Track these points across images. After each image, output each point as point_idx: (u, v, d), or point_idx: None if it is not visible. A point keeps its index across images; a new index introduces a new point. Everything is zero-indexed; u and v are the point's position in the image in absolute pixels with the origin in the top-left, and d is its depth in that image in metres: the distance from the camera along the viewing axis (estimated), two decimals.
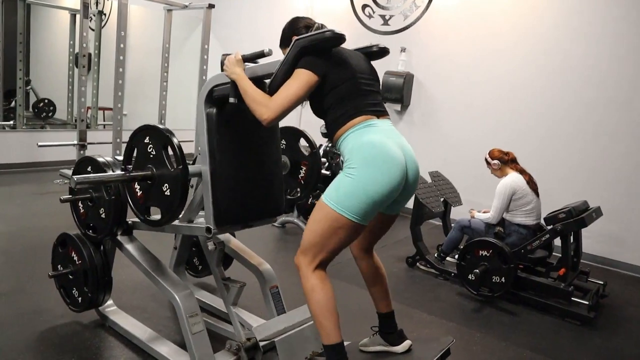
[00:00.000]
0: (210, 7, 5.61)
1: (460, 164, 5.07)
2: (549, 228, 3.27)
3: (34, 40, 7.10)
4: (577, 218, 3.16)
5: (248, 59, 1.91)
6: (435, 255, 3.77)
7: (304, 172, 2.41)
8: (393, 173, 1.67)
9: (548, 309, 3.18)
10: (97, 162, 2.17)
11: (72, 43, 6.90)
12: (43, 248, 2.97)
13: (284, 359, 1.91)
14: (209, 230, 1.98)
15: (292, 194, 2.44)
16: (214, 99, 1.99)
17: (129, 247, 2.28)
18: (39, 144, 5.26)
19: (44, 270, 2.52)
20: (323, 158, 4.57)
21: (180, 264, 2.75)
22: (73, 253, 2.35)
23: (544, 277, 3.30)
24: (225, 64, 1.88)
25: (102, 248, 2.36)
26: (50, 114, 7.02)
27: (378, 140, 1.71)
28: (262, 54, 1.89)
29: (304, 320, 2.07)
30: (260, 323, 2.13)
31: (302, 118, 5.97)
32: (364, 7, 5.86)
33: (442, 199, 3.90)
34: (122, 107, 4.98)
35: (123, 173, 1.97)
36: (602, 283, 3.53)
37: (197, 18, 6.62)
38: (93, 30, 7.01)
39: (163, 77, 5.92)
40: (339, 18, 6.04)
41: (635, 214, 4.25)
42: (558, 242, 3.32)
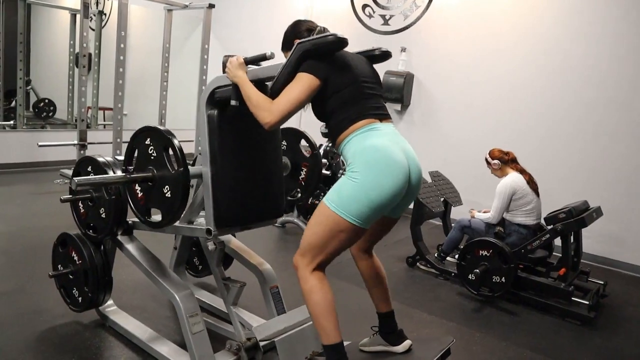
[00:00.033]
0: (211, 7, 5.61)
1: (461, 164, 5.07)
2: (549, 228, 3.27)
3: (35, 40, 7.10)
4: (577, 218, 3.16)
5: (250, 62, 1.90)
6: (436, 255, 3.77)
7: (305, 173, 2.41)
8: (396, 177, 1.67)
9: (548, 309, 3.18)
10: (97, 162, 2.17)
11: (72, 43, 6.91)
12: (43, 248, 2.97)
13: (284, 359, 1.91)
14: (209, 232, 1.98)
15: (292, 195, 2.44)
16: (216, 101, 1.98)
17: (129, 247, 2.28)
18: (39, 144, 5.27)
19: (44, 270, 2.52)
20: (323, 158, 4.56)
21: (181, 264, 2.75)
22: (73, 253, 2.35)
23: (544, 277, 3.30)
24: (228, 67, 1.87)
25: (102, 248, 2.36)
26: (51, 114, 7.02)
27: (381, 144, 1.70)
28: (264, 57, 1.88)
29: (304, 320, 2.07)
30: (261, 323, 2.13)
31: (302, 119, 5.97)
32: (364, 7, 5.87)
33: (442, 199, 3.90)
34: (122, 107, 4.98)
35: (124, 175, 1.97)
36: (602, 283, 3.53)
37: (197, 18, 6.63)
38: (93, 30, 7.02)
39: (163, 77, 5.93)
40: (339, 18, 6.04)
41: (636, 214, 4.25)
42: (558, 242, 3.33)
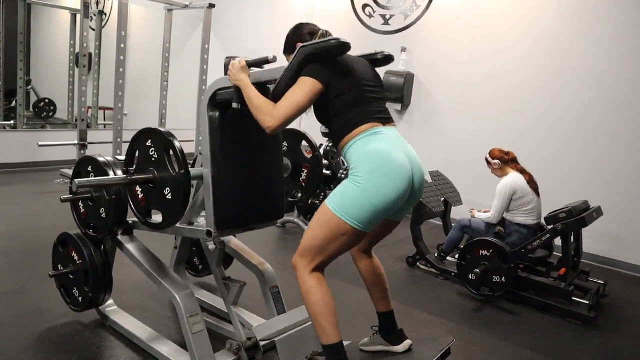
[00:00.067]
0: (211, 6, 5.62)
1: (461, 164, 5.07)
2: (550, 228, 3.27)
3: (35, 40, 7.10)
4: (577, 218, 3.16)
5: (252, 65, 1.89)
6: (436, 255, 3.77)
7: (306, 174, 2.41)
8: (399, 181, 1.66)
9: (548, 309, 3.18)
10: (97, 162, 2.17)
11: (72, 43, 6.91)
12: (43, 248, 2.97)
13: (285, 359, 1.91)
14: (210, 234, 1.98)
15: (293, 197, 2.44)
16: (217, 103, 1.97)
17: (130, 246, 2.28)
18: (40, 144, 5.27)
19: (45, 270, 2.53)
20: (324, 159, 4.56)
21: (181, 264, 2.76)
22: (74, 253, 2.35)
23: (545, 276, 3.30)
24: (230, 69, 1.86)
25: (102, 248, 2.36)
26: (51, 114, 7.02)
27: (385, 149, 1.70)
28: (266, 61, 1.86)
29: (305, 320, 2.07)
30: (261, 323, 2.13)
31: (303, 120, 5.97)
32: (365, 6, 5.86)
33: (442, 199, 3.90)
34: (122, 106, 4.98)
35: (125, 176, 1.97)
36: (602, 283, 3.53)
37: (197, 18, 6.63)
38: (94, 30, 7.02)
39: (164, 76, 5.93)
40: (340, 18, 6.04)
41: (636, 214, 4.25)
42: (558, 241, 3.33)
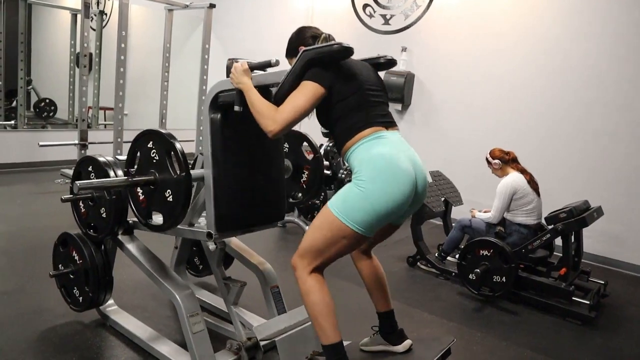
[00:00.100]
0: (211, 6, 5.61)
1: (461, 164, 5.07)
2: (550, 228, 3.26)
3: (35, 40, 7.11)
4: (578, 217, 3.16)
5: (255, 68, 1.88)
6: (436, 255, 3.77)
7: (306, 176, 2.40)
8: (402, 186, 1.66)
9: (549, 309, 3.18)
10: (98, 162, 2.17)
11: (73, 43, 6.92)
12: (43, 248, 2.97)
13: (285, 359, 1.91)
14: (210, 236, 1.98)
15: (294, 198, 2.44)
16: (219, 105, 1.97)
17: (130, 246, 2.28)
18: (40, 144, 5.27)
19: (45, 270, 2.53)
20: (324, 159, 4.55)
21: (181, 264, 2.76)
22: (74, 252, 2.35)
23: (545, 276, 3.30)
24: (232, 72, 1.85)
25: (103, 247, 2.36)
26: (51, 114, 7.03)
27: (388, 153, 1.69)
28: (269, 64, 1.86)
29: (305, 320, 2.07)
30: (261, 322, 2.14)
31: (304, 122, 5.97)
32: (365, 6, 5.86)
33: (442, 199, 3.90)
34: (123, 106, 4.98)
35: (126, 178, 1.97)
36: (603, 283, 3.53)
37: (198, 18, 6.63)
38: (94, 30, 7.02)
39: (164, 76, 5.93)
40: (340, 17, 6.04)
41: (636, 214, 4.25)
42: (559, 241, 3.33)
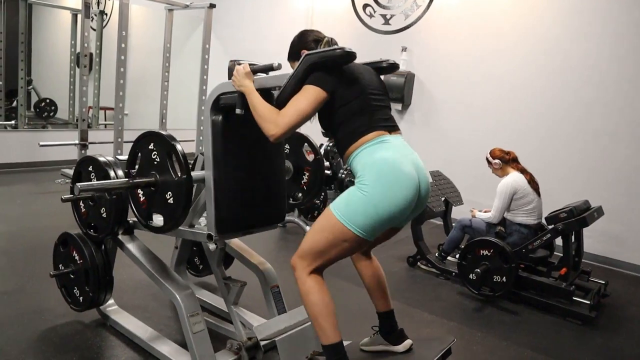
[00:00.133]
0: (212, 6, 5.62)
1: (461, 164, 5.07)
2: (551, 227, 3.26)
3: (36, 40, 7.11)
4: (578, 217, 3.15)
5: (257, 71, 1.88)
6: (437, 255, 3.76)
7: (307, 177, 2.40)
8: (405, 190, 1.66)
9: (549, 309, 3.18)
10: (98, 162, 2.17)
11: (73, 43, 6.92)
12: (44, 248, 2.97)
13: (285, 358, 1.91)
14: (211, 237, 1.98)
15: (294, 199, 2.44)
16: (220, 107, 1.96)
17: (130, 246, 2.29)
18: (41, 144, 5.28)
19: (45, 270, 2.53)
20: (325, 160, 4.55)
21: (181, 263, 2.76)
22: (74, 252, 2.35)
23: (545, 276, 3.30)
24: (234, 75, 1.85)
25: (103, 247, 2.36)
26: (52, 114, 7.04)
27: (391, 157, 1.69)
28: (271, 68, 1.85)
29: (305, 320, 2.07)
30: (261, 322, 2.13)
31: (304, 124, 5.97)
32: (365, 6, 5.86)
33: (443, 199, 3.90)
34: (123, 106, 4.98)
35: (127, 180, 1.97)
36: (603, 282, 3.53)
37: (198, 18, 6.63)
38: (94, 30, 7.02)
39: (164, 76, 5.93)
40: (340, 17, 6.04)
41: (636, 214, 4.25)
42: (559, 241, 3.33)
